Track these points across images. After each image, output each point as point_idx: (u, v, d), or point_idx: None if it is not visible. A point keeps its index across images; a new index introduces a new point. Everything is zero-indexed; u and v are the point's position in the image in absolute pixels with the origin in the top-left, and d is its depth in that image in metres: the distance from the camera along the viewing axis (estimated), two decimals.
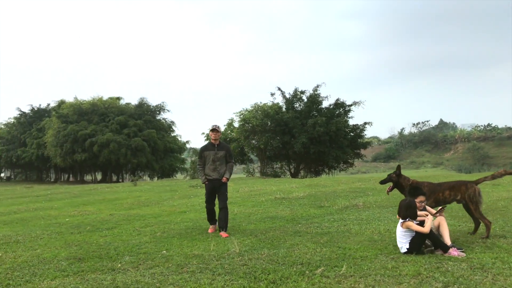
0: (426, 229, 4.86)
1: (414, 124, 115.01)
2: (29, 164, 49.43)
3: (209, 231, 7.30)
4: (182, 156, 43.81)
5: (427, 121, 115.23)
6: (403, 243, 4.99)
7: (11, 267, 5.33)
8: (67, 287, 4.22)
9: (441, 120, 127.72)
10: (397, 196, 11.36)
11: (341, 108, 34.77)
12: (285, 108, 34.94)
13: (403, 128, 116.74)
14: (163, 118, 43.38)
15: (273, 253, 5.32)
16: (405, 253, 4.93)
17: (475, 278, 3.80)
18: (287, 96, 34.98)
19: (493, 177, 5.87)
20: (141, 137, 36.84)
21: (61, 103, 44.64)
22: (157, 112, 42.44)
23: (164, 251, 5.91)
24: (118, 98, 44.03)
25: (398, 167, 6.12)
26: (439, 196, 5.74)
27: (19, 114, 50.79)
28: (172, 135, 43.08)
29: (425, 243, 4.98)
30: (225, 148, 7.50)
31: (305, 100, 34.80)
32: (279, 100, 35.51)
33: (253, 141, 34.77)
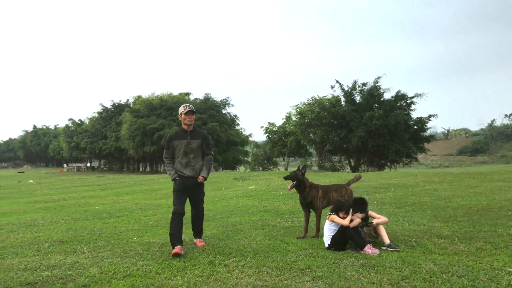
0: (345, 222, 5.03)
1: (506, 115, 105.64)
2: (109, 155, 53.89)
3: (174, 251, 5.06)
4: (245, 149, 45.01)
5: None
6: (327, 237, 5.19)
7: (3, 246, 6.35)
8: (19, 265, 5.01)
9: None
10: (402, 195, 11.16)
11: (402, 101, 33.57)
12: (344, 101, 34.51)
13: (494, 120, 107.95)
14: (227, 112, 44.88)
15: (214, 243, 5.78)
16: (327, 248, 5.13)
17: (346, 274, 3.96)
18: (346, 88, 34.51)
19: (352, 181, 6.56)
20: (205, 130, 38.59)
21: (137, 98, 47.95)
22: (222, 107, 43.97)
23: (135, 239, 6.61)
24: (187, 94, 46.32)
25: (304, 167, 6.32)
26: (330, 196, 6.12)
27: (101, 109, 55.36)
28: (236, 128, 44.43)
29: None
30: (201, 135, 5.76)
31: (365, 93, 34.08)
32: (339, 93, 35.18)
33: (311, 135, 34.82)
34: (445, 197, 9.95)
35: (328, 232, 5.18)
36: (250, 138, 45.06)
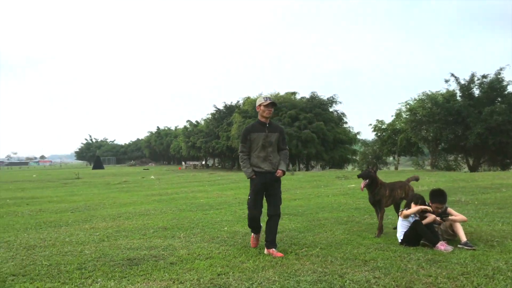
0: (411, 210, 5.11)
1: None
2: (221, 153, 57.05)
3: (252, 244, 5.46)
4: (354, 147, 44.17)
5: None
6: (400, 233, 5.23)
7: (118, 230, 7.42)
8: (126, 245, 5.90)
9: None
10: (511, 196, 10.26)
11: None
12: (460, 96, 32.05)
13: None
14: (334, 110, 44.50)
15: (293, 235, 6.13)
16: (400, 243, 5.16)
17: (406, 267, 4.02)
18: (462, 82, 31.97)
19: (410, 179, 6.59)
20: (310, 129, 38.77)
21: (246, 99, 50.04)
22: (328, 105, 43.76)
23: (226, 228, 7.24)
24: (294, 93, 46.93)
25: (375, 166, 6.25)
26: (395, 194, 6.08)
27: (214, 110, 58.77)
28: (343, 126, 43.83)
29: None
30: (278, 129, 5.49)
31: (485, 86, 31.27)
32: (454, 87, 32.76)
33: (422, 132, 32.95)
34: None
35: (401, 228, 5.22)
36: (358, 136, 44.17)
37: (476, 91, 31.97)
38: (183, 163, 66.25)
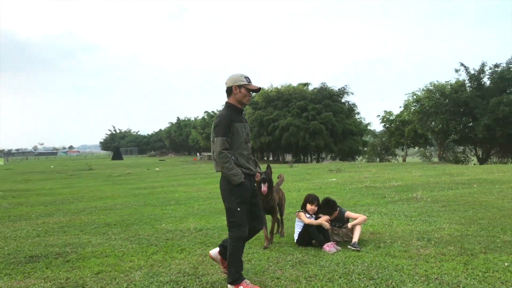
0: (306, 220, 5.16)
1: None
2: None
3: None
4: (364, 139, 43.74)
5: None
6: (296, 233, 5.35)
7: (62, 226, 7.73)
8: (48, 242, 6.20)
9: None
10: (467, 194, 10.09)
11: None
12: (469, 86, 31.29)
13: None
14: (346, 101, 44.05)
15: (213, 234, 6.32)
16: (296, 243, 5.30)
17: (268, 268, 4.19)
18: (472, 72, 31.17)
19: (279, 183, 6.28)
20: (319, 120, 38.64)
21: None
22: (340, 96, 43.36)
23: (163, 225, 7.44)
24: (306, 84, 46.71)
25: (269, 167, 5.50)
26: (276, 197, 5.81)
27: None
28: (355, 117, 43.39)
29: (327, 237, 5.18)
30: (247, 120, 4.10)
31: (496, 76, 30.41)
32: (464, 77, 31.99)
33: (431, 124, 32.38)
34: None
35: (297, 228, 5.34)
36: (369, 127, 43.68)
37: (487, 82, 31.19)
38: (197, 154, 67.03)
